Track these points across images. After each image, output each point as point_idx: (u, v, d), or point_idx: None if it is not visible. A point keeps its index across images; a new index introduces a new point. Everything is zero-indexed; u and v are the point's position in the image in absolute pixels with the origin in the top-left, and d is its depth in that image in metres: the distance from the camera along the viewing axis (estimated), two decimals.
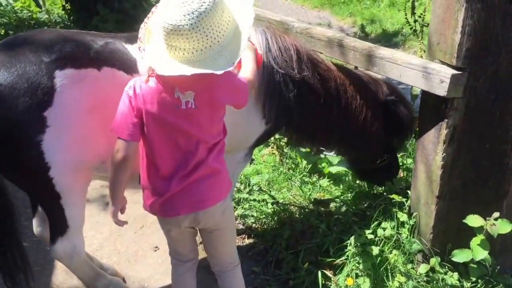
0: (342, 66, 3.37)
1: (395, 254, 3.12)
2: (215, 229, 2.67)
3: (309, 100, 3.17)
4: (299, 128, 3.37)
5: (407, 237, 3.19)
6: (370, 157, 3.62)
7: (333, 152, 4.11)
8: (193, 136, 2.39)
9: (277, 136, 4.43)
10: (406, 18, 4.15)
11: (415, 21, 4.13)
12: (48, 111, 2.45)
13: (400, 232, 3.25)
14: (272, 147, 4.81)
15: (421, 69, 2.74)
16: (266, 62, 2.99)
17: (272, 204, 4.06)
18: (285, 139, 4.80)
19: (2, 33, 6.73)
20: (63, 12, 7.21)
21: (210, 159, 2.46)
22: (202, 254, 3.28)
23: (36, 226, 3.24)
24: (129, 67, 2.70)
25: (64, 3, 6.82)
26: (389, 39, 8.85)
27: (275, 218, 3.99)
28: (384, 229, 3.24)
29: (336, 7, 10.84)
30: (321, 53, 3.37)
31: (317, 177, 4.46)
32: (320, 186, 4.29)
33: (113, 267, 3.54)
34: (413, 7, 4.16)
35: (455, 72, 2.62)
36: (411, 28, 4.16)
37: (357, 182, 4.26)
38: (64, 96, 2.48)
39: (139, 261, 3.73)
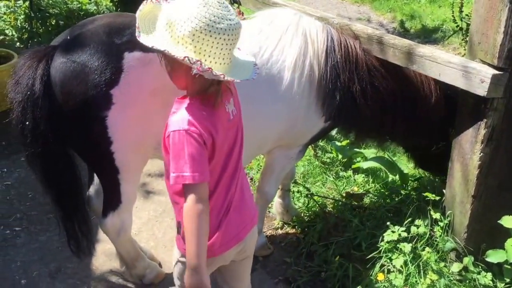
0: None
1: (428, 252, 3.13)
2: (248, 255, 2.45)
3: (370, 104, 3.21)
4: (361, 126, 3.43)
5: (440, 235, 3.19)
6: (426, 143, 3.61)
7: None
8: (241, 143, 2.27)
9: None
10: (453, 15, 4.11)
11: (462, 18, 4.09)
12: (114, 89, 2.61)
13: (433, 230, 3.26)
14: None
15: (461, 68, 2.74)
16: (329, 62, 3.07)
17: (307, 196, 4.11)
18: None
19: (53, 23, 6.94)
20: (111, 4, 7.39)
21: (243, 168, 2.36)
22: None
23: (89, 199, 3.39)
24: None
25: None
26: (428, 35, 8.73)
27: (309, 210, 4.05)
28: (417, 226, 3.25)
29: (376, 2, 10.72)
30: None
31: (351, 171, 4.49)
32: (355, 180, 4.33)
33: (150, 251, 3.66)
34: (461, 5, 4.11)
35: (496, 72, 2.62)
36: (457, 26, 4.12)
37: (391, 177, 4.27)
38: (130, 76, 2.63)
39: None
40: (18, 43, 7.12)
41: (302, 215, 4.04)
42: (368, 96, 3.18)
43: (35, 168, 2.87)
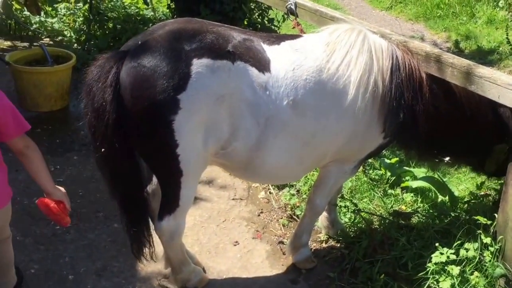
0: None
1: (477, 276, 3.06)
2: None
3: (431, 124, 3.24)
4: (419, 145, 3.48)
5: (490, 260, 3.12)
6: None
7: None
8: None
9: None
10: (507, 37, 4.03)
11: None
12: (182, 95, 2.69)
13: (483, 254, 3.19)
14: None
15: None
16: (394, 80, 3.09)
17: (354, 211, 4.09)
18: None
19: (110, 27, 7.14)
20: (168, 10, 7.54)
21: None
22: None
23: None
24: (262, 65, 2.90)
25: (169, 2, 7.14)
26: (483, 56, 8.55)
27: (355, 226, 4.02)
28: (466, 249, 3.18)
29: (431, 21, 10.58)
30: None
31: (400, 190, 4.43)
32: (403, 199, 4.27)
33: (196, 256, 3.70)
34: None
35: None
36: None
37: (440, 198, 4.21)
38: (198, 82, 2.71)
39: (219, 254, 3.87)
40: (75, 44, 7.36)
41: (348, 230, 4.01)
42: (430, 116, 3.19)
43: (104, 170, 2.99)
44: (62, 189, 2.93)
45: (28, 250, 3.74)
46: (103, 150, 2.85)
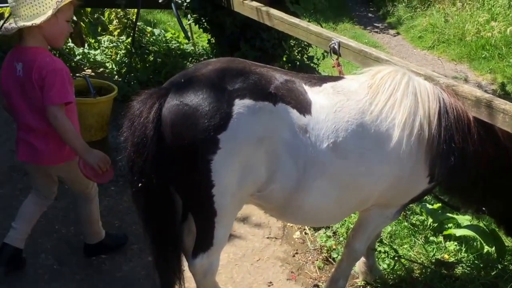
0: None
1: None
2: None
3: (479, 168, 3.16)
4: (465, 190, 3.38)
5: None
6: None
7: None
8: (29, 102, 3.31)
9: None
10: None
11: None
12: (222, 135, 2.66)
13: None
14: None
15: None
16: (443, 123, 3.02)
17: (393, 258, 3.94)
18: None
19: (150, 59, 7.25)
20: (208, 45, 7.62)
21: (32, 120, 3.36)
22: None
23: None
24: (303, 107, 2.86)
25: (209, 37, 7.21)
26: None
27: (394, 273, 3.87)
28: None
29: (476, 62, 10.41)
30: None
31: (442, 237, 4.27)
32: (446, 247, 4.10)
33: None
34: None
35: None
36: None
37: (486, 249, 4.03)
38: (238, 123, 2.67)
39: None
40: (116, 76, 7.48)
41: (386, 277, 3.86)
42: (478, 159, 3.09)
43: (139, 205, 2.97)
44: (96, 152, 3.44)
45: (64, 280, 3.74)
46: (140, 184, 2.83)
